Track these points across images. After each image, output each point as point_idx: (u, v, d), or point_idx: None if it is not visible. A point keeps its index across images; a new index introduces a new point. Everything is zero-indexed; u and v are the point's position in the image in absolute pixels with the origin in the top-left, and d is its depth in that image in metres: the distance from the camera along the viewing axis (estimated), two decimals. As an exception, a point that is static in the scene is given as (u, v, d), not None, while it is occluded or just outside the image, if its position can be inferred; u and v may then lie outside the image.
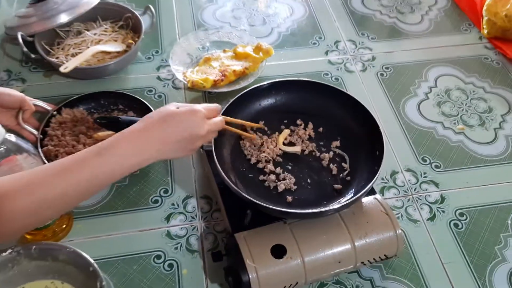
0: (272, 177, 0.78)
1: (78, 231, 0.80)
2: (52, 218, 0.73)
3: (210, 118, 0.68)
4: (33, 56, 1.00)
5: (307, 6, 1.27)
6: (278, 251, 0.69)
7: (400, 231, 0.73)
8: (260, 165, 0.80)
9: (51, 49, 1.05)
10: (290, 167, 0.81)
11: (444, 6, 1.29)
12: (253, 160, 0.80)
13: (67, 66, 0.95)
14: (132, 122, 0.78)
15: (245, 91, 0.83)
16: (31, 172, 0.56)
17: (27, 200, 0.54)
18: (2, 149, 0.62)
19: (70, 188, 0.56)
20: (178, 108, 0.64)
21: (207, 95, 1.02)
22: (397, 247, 0.73)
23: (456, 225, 0.84)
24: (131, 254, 0.78)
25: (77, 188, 0.56)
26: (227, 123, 0.76)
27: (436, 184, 0.89)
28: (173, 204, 0.84)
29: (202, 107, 0.66)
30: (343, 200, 0.75)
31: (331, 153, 0.82)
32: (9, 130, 0.72)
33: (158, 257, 0.78)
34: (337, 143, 0.83)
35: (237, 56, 1.06)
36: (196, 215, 0.83)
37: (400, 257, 0.78)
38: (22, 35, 0.99)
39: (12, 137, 0.64)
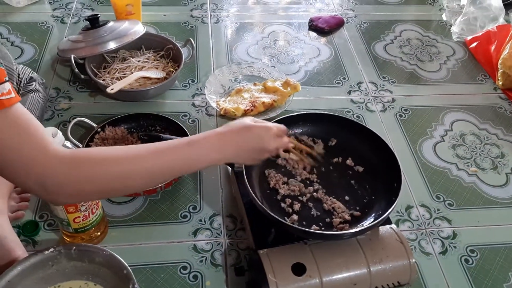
0: (295, 217, 0.82)
1: (112, 238, 0.86)
2: (132, 190, 0.80)
3: (279, 136, 0.76)
4: (82, 76, 1.10)
5: (333, 49, 1.36)
6: (299, 269, 0.74)
7: (413, 260, 0.77)
8: (282, 196, 0.86)
9: (98, 72, 1.14)
10: (310, 195, 0.86)
11: (461, 57, 1.38)
12: (278, 192, 0.86)
13: (113, 88, 1.04)
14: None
15: (276, 119, 0.90)
16: (129, 147, 0.64)
17: (123, 167, 0.60)
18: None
19: (158, 166, 0.63)
20: (255, 122, 0.73)
21: (237, 123, 1.10)
22: (410, 275, 0.78)
23: (466, 261, 0.88)
24: (159, 263, 0.84)
25: (165, 168, 0.63)
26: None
27: (449, 221, 0.94)
28: (200, 220, 0.91)
29: (274, 126, 0.75)
30: (361, 226, 0.80)
31: (351, 182, 0.88)
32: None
33: (184, 268, 0.83)
34: (357, 173, 0.89)
35: (267, 90, 1.14)
36: (221, 232, 0.89)
37: (412, 286, 0.82)
38: (74, 58, 1.09)
39: (69, 144, 0.72)
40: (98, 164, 0.59)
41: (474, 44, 1.38)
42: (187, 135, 0.98)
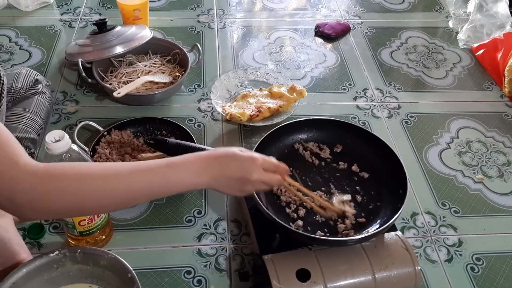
0: (300, 222, 0.82)
1: (117, 242, 0.87)
2: (106, 210, 0.76)
3: (267, 170, 0.72)
4: (89, 80, 1.10)
5: (339, 55, 1.37)
6: (303, 275, 0.73)
7: (419, 267, 0.77)
8: (287, 202, 0.86)
9: (105, 76, 1.15)
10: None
11: (468, 64, 1.37)
12: (282, 201, 0.86)
13: (120, 92, 1.05)
14: (178, 144, 0.86)
15: (282, 125, 0.91)
16: (107, 164, 0.64)
17: (98, 184, 0.59)
18: (67, 157, 0.70)
19: (134, 187, 0.61)
20: (241, 151, 0.71)
21: (243, 128, 1.10)
22: (415, 282, 0.77)
23: (472, 269, 0.87)
24: (163, 267, 0.84)
25: (140, 189, 0.62)
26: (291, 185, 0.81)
27: (455, 228, 0.94)
28: (205, 225, 0.91)
29: (261, 157, 0.71)
30: (366, 233, 0.80)
31: (356, 188, 0.88)
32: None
33: (188, 272, 0.83)
34: (363, 179, 0.89)
35: (272, 95, 1.14)
36: (226, 237, 0.89)
37: (417, 294, 0.82)
38: (81, 62, 1.10)
39: (75, 147, 0.72)
40: (71, 179, 0.57)
41: (480, 52, 1.38)
42: (193, 140, 0.98)
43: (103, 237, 0.85)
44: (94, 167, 0.62)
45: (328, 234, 0.80)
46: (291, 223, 0.81)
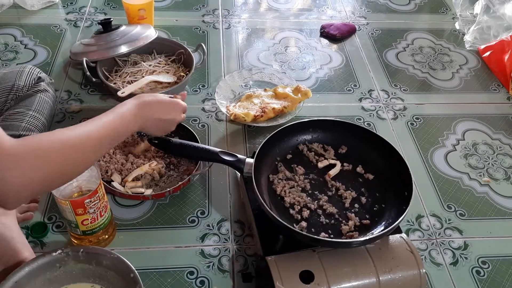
0: (303, 223, 0.82)
1: (120, 242, 0.86)
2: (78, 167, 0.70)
3: (183, 112, 0.90)
4: (94, 80, 1.10)
5: (344, 56, 1.36)
6: (306, 277, 0.73)
7: (424, 270, 0.76)
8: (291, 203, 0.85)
9: (110, 75, 1.15)
10: (318, 202, 0.85)
11: (474, 66, 1.36)
12: (286, 202, 0.85)
13: (124, 91, 1.04)
14: (181, 144, 0.86)
15: (286, 125, 0.90)
16: (66, 129, 0.67)
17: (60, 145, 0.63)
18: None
19: (83, 134, 0.67)
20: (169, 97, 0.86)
21: (247, 128, 1.10)
22: (420, 285, 0.76)
23: (478, 272, 0.86)
24: (166, 268, 0.83)
25: (86, 136, 0.67)
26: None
27: (460, 231, 0.93)
28: (208, 225, 0.90)
29: (183, 102, 0.90)
30: (371, 234, 0.79)
31: (361, 190, 0.87)
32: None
33: (191, 273, 0.83)
34: (367, 181, 0.89)
35: (277, 96, 1.14)
36: (229, 238, 0.88)
37: (422, 297, 0.81)
38: (86, 61, 1.10)
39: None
40: (42, 145, 0.60)
41: (487, 53, 1.37)
42: (197, 140, 0.98)
43: (106, 236, 0.85)
44: (52, 134, 0.65)
45: (332, 236, 0.79)
46: (294, 225, 0.81)
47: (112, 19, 1.18)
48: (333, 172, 0.90)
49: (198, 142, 0.96)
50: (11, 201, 0.59)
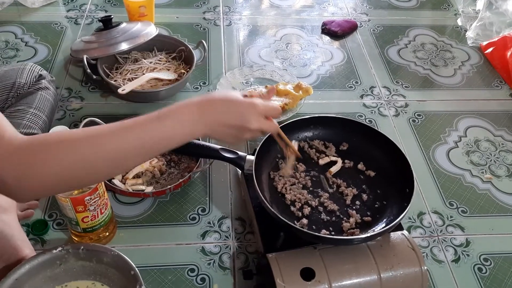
0: (304, 221, 0.81)
1: (120, 239, 0.86)
2: (97, 178, 0.65)
3: (266, 117, 0.68)
4: (94, 77, 1.10)
5: (346, 53, 1.35)
6: (307, 274, 0.73)
7: (425, 268, 0.76)
8: (292, 203, 0.85)
9: (110, 72, 1.15)
10: (319, 199, 0.85)
11: (476, 62, 1.35)
12: (287, 199, 0.85)
13: (125, 89, 1.04)
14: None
15: (287, 122, 0.90)
16: (91, 128, 0.57)
17: (82, 150, 0.54)
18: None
19: (123, 147, 0.56)
20: (240, 96, 0.66)
21: (248, 126, 1.09)
22: (421, 283, 0.76)
23: (480, 269, 0.86)
24: (167, 265, 0.83)
25: (130, 148, 0.57)
26: (281, 138, 0.78)
27: (462, 228, 0.92)
28: (209, 223, 0.90)
29: (261, 104, 0.66)
30: (372, 232, 0.78)
31: (362, 187, 0.87)
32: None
33: (192, 270, 0.83)
34: (369, 177, 0.88)
35: (278, 93, 1.13)
36: (230, 235, 0.88)
37: (423, 294, 0.81)
38: (87, 58, 1.10)
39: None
40: (55, 147, 0.53)
41: (489, 50, 1.36)
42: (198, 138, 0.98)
43: (107, 234, 0.85)
44: (78, 132, 0.57)
45: (333, 233, 0.79)
46: (295, 222, 0.80)
47: (112, 16, 1.18)
48: (334, 169, 0.89)
49: (199, 139, 0.96)
50: (22, 194, 0.56)
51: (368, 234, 0.75)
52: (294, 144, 0.84)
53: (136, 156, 0.59)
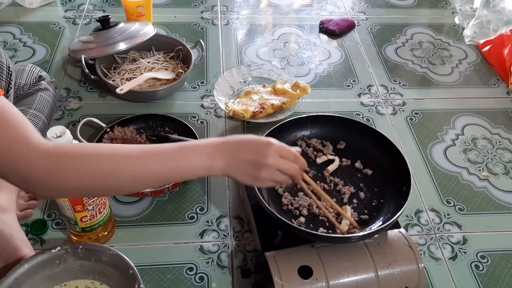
0: (302, 219, 0.82)
1: (119, 238, 0.87)
2: (115, 192, 0.76)
3: (283, 157, 0.67)
4: (92, 77, 1.10)
5: (343, 51, 1.36)
6: (305, 272, 0.73)
7: (422, 265, 0.76)
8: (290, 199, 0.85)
9: (109, 72, 1.15)
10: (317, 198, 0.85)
11: (474, 60, 1.36)
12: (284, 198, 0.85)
13: (123, 89, 1.04)
14: (180, 141, 0.86)
15: (284, 121, 0.90)
16: (120, 146, 0.62)
17: (106, 165, 0.59)
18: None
19: (144, 170, 0.60)
20: (257, 136, 0.69)
21: (246, 125, 1.10)
22: (418, 280, 0.76)
23: (477, 267, 0.87)
24: (165, 264, 0.83)
25: (151, 172, 0.61)
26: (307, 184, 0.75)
27: (459, 226, 0.93)
28: (207, 222, 0.90)
29: (278, 143, 0.67)
30: (369, 229, 0.79)
31: (359, 185, 0.87)
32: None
33: (190, 269, 0.83)
34: (366, 176, 0.89)
35: (276, 92, 1.14)
36: (228, 234, 0.89)
37: (420, 292, 0.81)
38: (85, 58, 1.10)
39: (76, 143, 0.72)
40: (79, 159, 0.58)
41: (487, 48, 1.36)
42: (196, 136, 0.98)
43: (105, 233, 0.85)
44: (103, 148, 0.62)
45: (330, 231, 0.79)
46: (293, 220, 0.81)
47: (110, 16, 1.19)
48: (331, 167, 0.90)
49: (197, 139, 0.96)
50: (43, 193, 0.62)
51: (365, 232, 0.75)
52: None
53: (155, 181, 0.63)
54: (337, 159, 0.91)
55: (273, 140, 0.67)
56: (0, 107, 0.54)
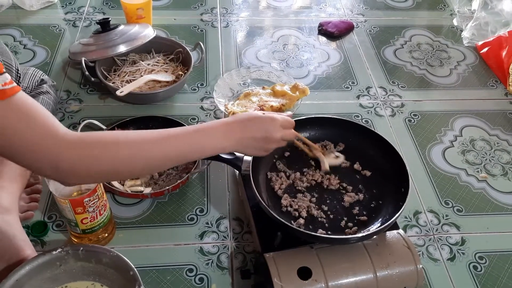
0: (301, 220, 0.82)
1: (119, 240, 0.87)
2: (137, 174, 0.81)
3: (285, 128, 0.77)
4: (93, 79, 1.11)
5: (342, 53, 1.36)
6: (304, 273, 0.73)
7: (420, 266, 0.77)
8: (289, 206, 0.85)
9: (109, 74, 1.16)
10: (316, 199, 0.86)
11: (472, 62, 1.37)
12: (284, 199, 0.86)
13: (123, 91, 1.05)
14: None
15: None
16: (139, 133, 0.66)
17: (131, 151, 0.63)
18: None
19: (164, 152, 0.65)
20: (262, 113, 0.77)
21: (245, 127, 1.10)
22: (417, 281, 0.77)
23: (475, 268, 0.87)
24: (165, 265, 0.84)
25: (170, 154, 0.66)
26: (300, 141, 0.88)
27: (457, 227, 0.93)
28: (207, 223, 0.91)
29: (280, 117, 0.77)
30: (368, 231, 0.79)
31: (359, 187, 0.88)
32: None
33: (190, 270, 0.84)
34: (365, 177, 0.89)
35: (275, 93, 1.14)
36: (228, 235, 0.89)
37: (419, 292, 0.82)
38: (85, 60, 1.10)
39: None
40: (108, 146, 0.61)
41: (485, 49, 1.37)
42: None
43: (106, 235, 0.86)
44: (126, 135, 0.65)
45: (329, 232, 0.80)
46: (292, 221, 0.81)
47: (110, 19, 1.19)
48: (332, 162, 0.90)
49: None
50: (73, 181, 0.63)
51: (364, 233, 0.76)
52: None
53: (174, 162, 0.69)
54: (341, 156, 0.91)
55: (275, 115, 0.77)
56: (22, 102, 0.56)
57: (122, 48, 1.14)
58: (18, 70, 0.94)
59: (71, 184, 0.68)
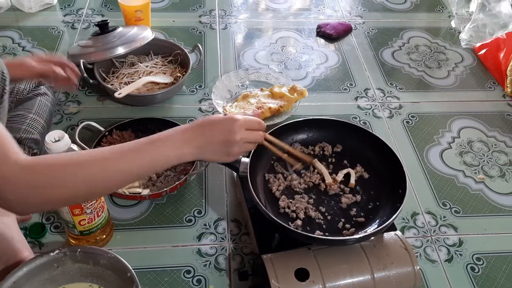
0: (299, 222, 0.82)
1: (117, 241, 0.87)
2: (98, 194, 0.73)
3: (249, 129, 0.72)
4: (91, 81, 1.11)
5: (340, 55, 1.36)
6: (302, 275, 0.74)
7: (418, 267, 0.77)
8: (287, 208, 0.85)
9: (107, 76, 1.16)
10: (313, 201, 0.86)
11: (470, 64, 1.37)
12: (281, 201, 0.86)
13: (121, 93, 1.05)
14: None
15: (282, 124, 0.91)
16: (93, 150, 0.63)
17: (86, 171, 0.59)
18: (67, 157, 0.70)
19: (121, 168, 0.62)
20: (222, 115, 0.73)
21: (243, 128, 1.11)
22: (414, 282, 0.77)
23: (472, 269, 0.87)
24: (163, 267, 0.84)
25: (127, 169, 0.62)
26: (271, 143, 0.81)
27: (455, 228, 0.94)
28: (205, 225, 0.91)
29: (242, 117, 0.71)
30: (365, 232, 0.79)
31: (355, 188, 0.88)
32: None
33: (188, 272, 0.84)
34: (362, 178, 0.89)
35: (273, 95, 1.14)
36: (225, 237, 0.89)
37: (416, 294, 0.82)
38: (83, 62, 1.11)
39: (75, 147, 0.73)
40: (59, 169, 0.58)
41: (483, 51, 1.37)
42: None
43: (104, 236, 0.86)
44: (79, 155, 0.62)
45: (327, 234, 0.80)
46: (290, 223, 0.81)
47: (109, 21, 1.20)
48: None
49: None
50: (24, 209, 0.60)
51: (362, 235, 0.76)
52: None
53: (132, 175, 0.64)
54: (352, 172, 0.90)
55: (236, 115, 0.71)
56: None
57: (120, 50, 1.14)
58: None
59: (17, 213, 0.66)
